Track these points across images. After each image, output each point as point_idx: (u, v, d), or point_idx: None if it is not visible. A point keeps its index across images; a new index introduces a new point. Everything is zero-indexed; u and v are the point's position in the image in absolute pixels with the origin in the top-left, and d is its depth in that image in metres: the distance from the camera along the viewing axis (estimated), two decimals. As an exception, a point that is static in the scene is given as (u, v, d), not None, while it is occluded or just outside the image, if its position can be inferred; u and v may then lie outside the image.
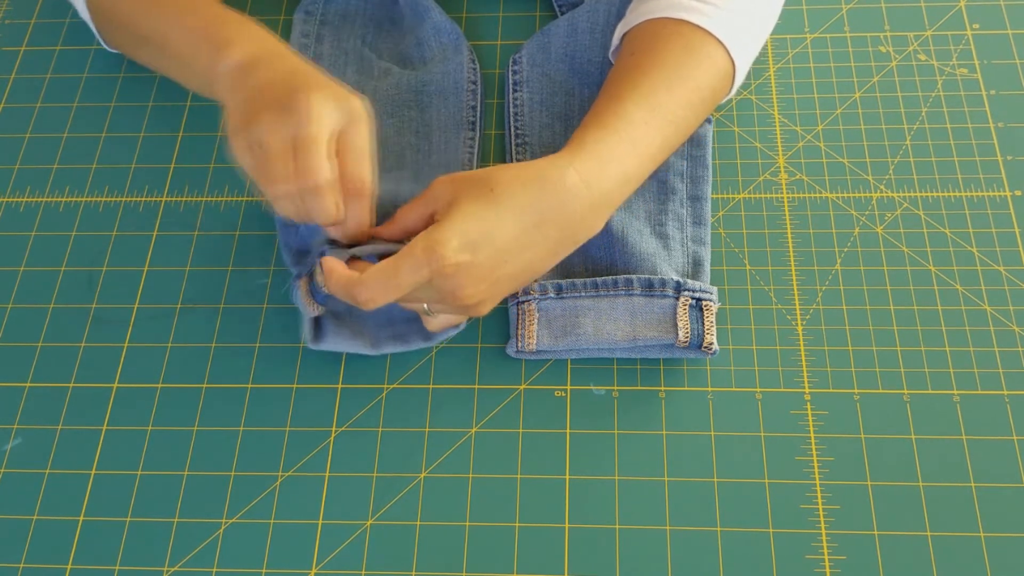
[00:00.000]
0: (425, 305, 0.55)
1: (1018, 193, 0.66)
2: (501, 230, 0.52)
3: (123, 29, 0.67)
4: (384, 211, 0.63)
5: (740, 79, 0.63)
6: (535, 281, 0.60)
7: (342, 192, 0.54)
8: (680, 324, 0.58)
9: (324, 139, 0.52)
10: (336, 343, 0.60)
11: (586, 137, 0.57)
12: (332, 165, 0.52)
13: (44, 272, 0.66)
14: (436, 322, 0.58)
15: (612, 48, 0.66)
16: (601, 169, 0.55)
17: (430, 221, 0.55)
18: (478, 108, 0.69)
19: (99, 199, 0.69)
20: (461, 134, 0.68)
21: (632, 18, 0.63)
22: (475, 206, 0.52)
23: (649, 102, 0.58)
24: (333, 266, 0.53)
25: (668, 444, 0.58)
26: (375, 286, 0.51)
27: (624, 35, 0.64)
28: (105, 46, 0.72)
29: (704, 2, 0.60)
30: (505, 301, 0.61)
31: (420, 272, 0.51)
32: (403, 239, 0.56)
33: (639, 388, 0.60)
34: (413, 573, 0.55)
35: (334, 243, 0.59)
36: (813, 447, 0.57)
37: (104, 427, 0.60)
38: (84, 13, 0.69)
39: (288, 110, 0.52)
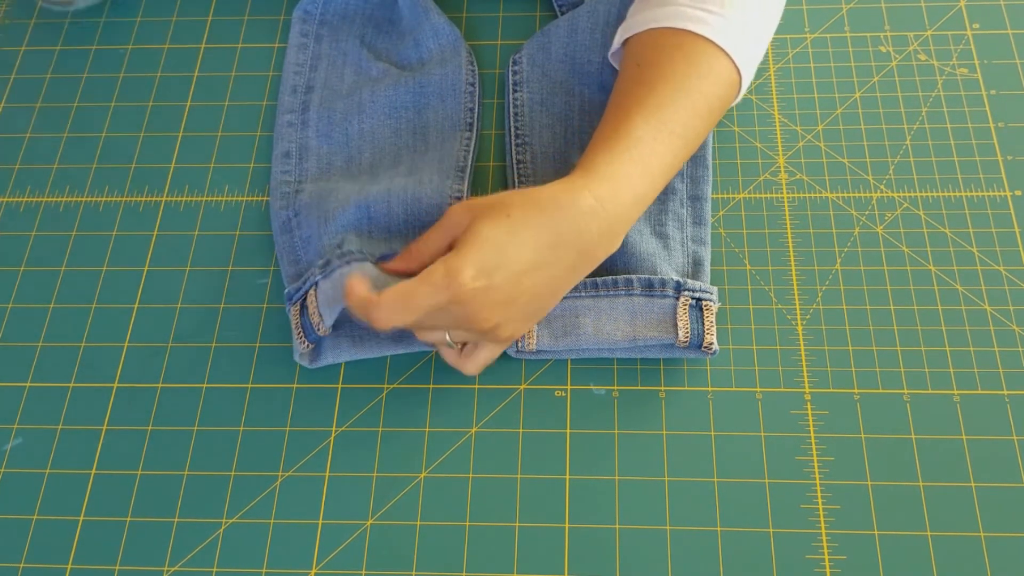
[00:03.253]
0: (447, 337, 0.55)
1: (1018, 193, 0.66)
2: (517, 255, 0.53)
3: None
4: (378, 213, 0.63)
5: (746, 86, 0.63)
6: None
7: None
8: (680, 324, 0.58)
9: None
10: (337, 356, 0.60)
11: (597, 158, 0.57)
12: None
13: (44, 272, 0.66)
14: (473, 364, 0.57)
15: (612, 50, 0.66)
16: (615, 190, 0.55)
17: (448, 250, 0.55)
18: (475, 110, 0.69)
19: (99, 199, 0.69)
20: (458, 135, 0.68)
21: (633, 23, 0.63)
22: (492, 232, 0.52)
23: (657, 117, 0.58)
24: (355, 286, 0.53)
25: (668, 444, 0.58)
26: (391, 308, 0.51)
27: (626, 40, 0.64)
28: None
29: (707, 11, 0.60)
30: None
31: (437, 298, 0.51)
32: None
33: (639, 388, 0.60)
34: (413, 573, 0.55)
35: (325, 267, 0.58)
36: (813, 447, 0.57)
37: (104, 427, 0.60)
38: None
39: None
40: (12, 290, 0.66)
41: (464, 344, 0.57)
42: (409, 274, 0.57)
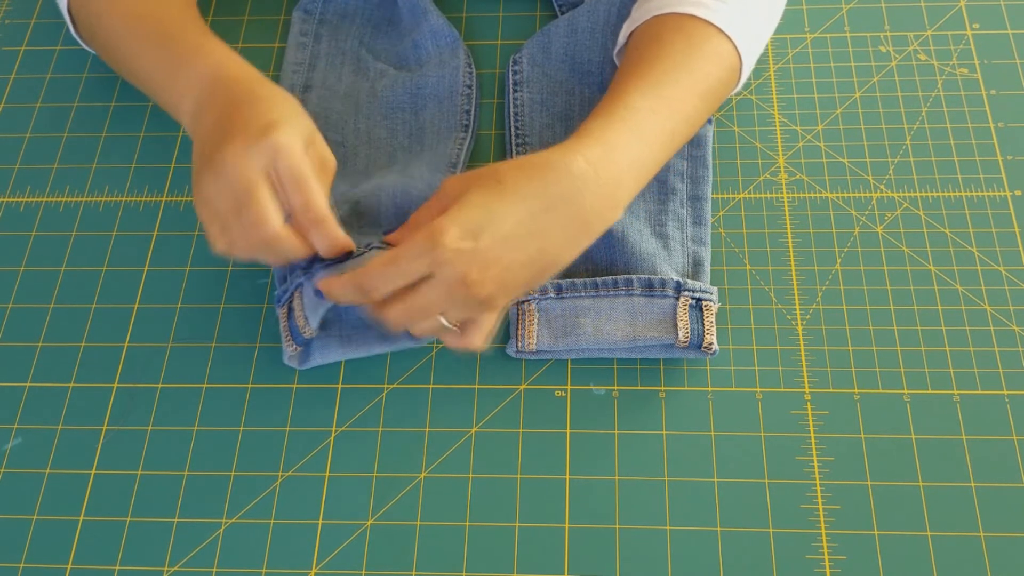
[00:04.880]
0: (442, 319, 0.54)
1: (1018, 193, 0.66)
2: (506, 217, 0.52)
3: (100, 45, 0.67)
4: (368, 207, 0.63)
5: (747, 72, 0.63)
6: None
7: (304, 224, 0.54)
8: (680, 324, 0.58)
9: (259, 190, 0.52)
10: (325, 356, 0.60)
11: (591, 126, 0.57)
12: (276, 209, 0.53)
13: (44, 272, 0.66)
14: (479, 337, 0.56)
15: (617, 48, 0.66)
16: (607, 154, 0.55)
17: None
18: (472, 112, 0.69)
19: (99, 199, 0.69)
20: (453, 137, 0.68)
21: (638, 16, 0.63)
22: (481, 196, 0.52)
23: (655, 92, 0.58)
24: (331, 283, 0.53)
25: (668, 444, 0.58)
26: (379, 273, 0.52)
27: (630, 34, 0.64)
28: (76, 38, 0.71)
29: None
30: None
31: (419, 258, 0.51)
32: None
33: (639, 388, 0.60)
34: (413, 573, 0.55)
35: (308, 268, 0.58)
36: (813, 447, 0.57)
37: (104, 427, 0.60)
38: (61, 3, 0.68)
39: (218, 171, 0.53)
40: (12, 290, 0.66)
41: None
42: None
